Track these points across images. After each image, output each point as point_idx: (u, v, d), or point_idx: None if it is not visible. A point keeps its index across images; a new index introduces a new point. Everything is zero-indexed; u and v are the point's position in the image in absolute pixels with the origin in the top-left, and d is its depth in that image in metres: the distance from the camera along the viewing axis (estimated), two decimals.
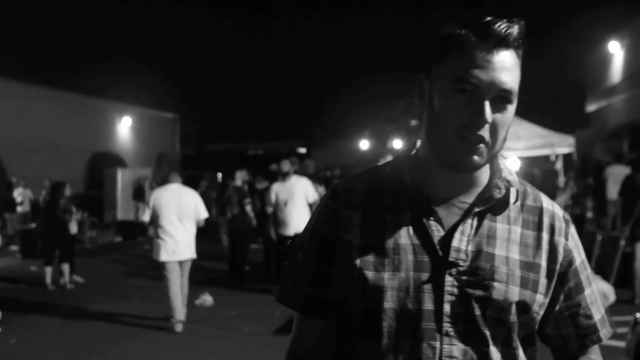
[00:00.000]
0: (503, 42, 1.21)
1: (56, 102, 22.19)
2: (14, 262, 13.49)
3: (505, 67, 1.21)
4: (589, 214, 12.03)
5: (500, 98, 1.22)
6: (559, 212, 1.38)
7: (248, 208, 10.88)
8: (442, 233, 1.27)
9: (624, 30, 19.89)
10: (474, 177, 1.31)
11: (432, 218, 1.28)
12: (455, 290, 1.24)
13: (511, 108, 1.25)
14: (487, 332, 1.25)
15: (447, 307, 1.24)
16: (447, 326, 1.24)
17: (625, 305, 7.18)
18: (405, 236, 1.28)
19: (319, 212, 1.41)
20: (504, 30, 1.21)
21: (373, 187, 1.36)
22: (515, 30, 1.22)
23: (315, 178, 10.28)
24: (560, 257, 1.32)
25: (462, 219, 1.28)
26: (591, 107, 22.81)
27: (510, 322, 1.26)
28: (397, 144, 26.61)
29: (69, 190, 10.91)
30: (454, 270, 1.25)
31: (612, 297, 5.92)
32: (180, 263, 7.50)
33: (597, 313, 1.38)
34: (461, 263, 1.25)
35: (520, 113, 15.34)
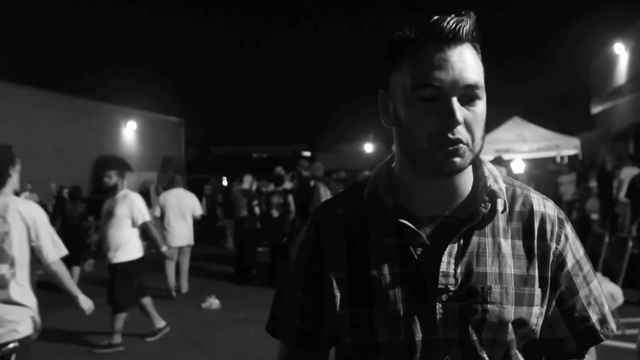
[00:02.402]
0: (456, 37, 1.14)
1: (61, 106, 22.27)
2: None
3: (464, 62, 1.14)
4: (595, 216, 11.99)
5: (467, 96, 1.15)
6: (551, 212, 1.29)
7: (257, 210, 10.89)
8: (428, 257, 1.20)
9: (629, 32, 19.87)
10: (456, 186, 1.24)
11: (417, 242, 1.21)
12: (448, 316, 1.18)
13: (481, 103, 1.17)
14: (485, 355, 1.19)
15: (441, 335, 1.18)
16: (442, 354, 1.19)
17: (634, 306, 7.14)
18: (390, 265, 1.22)
19: (300, 243, 1.34)
20: (453, 25, 1.14)
21: (354, 211, 1.29)
22: (466, 23, 1.15)
23: (323, 181, 10.23)
24: (549, 264, 1.25)
25: (448, 239, 1.21)
26: (596, 109, 22.77)
27: (508, 340, 1.21)
28: None
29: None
30: (444, 297, 1.19)
31: (620, 299, 5.88)
32: (181, 248, 9.95)
33: (595, 314, 1.29)
34: (451, 287, 1.19)
35: (526, 116, 15.37)
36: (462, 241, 1.22)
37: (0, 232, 3.57)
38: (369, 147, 35.94)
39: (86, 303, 4.28)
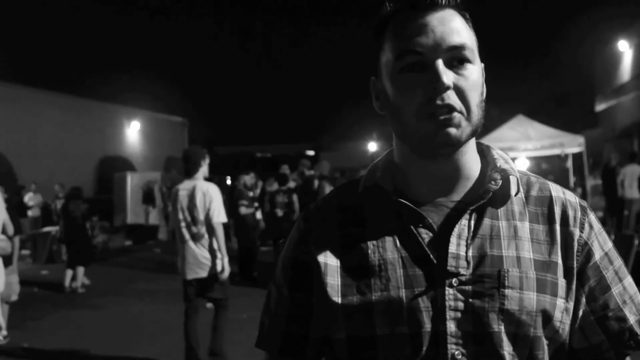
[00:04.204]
0: (433, 3, 1.06)
1: (65, 107, 22.30)
2: (25, 266, 13.54)
3: (446, 25, 1.05)
4: (599, 213, 12.00)
5: (455, 58, 1.05)
6: (573, 199, 1.16)
7: (242, 209, 10.90)
8: (435, 241, 1.07)
9: (633, 29, 19.81)
10: (460, 169, 1.12)
11: (420, 225, 1.09)
12: (460, 305, 1.03)
13: (473, 68, 1.07)
14: (505, 352, 1.03)
15: (451, 326, 1.03)
16: (453, 349, 1.02)
17: None
18: (391, 249, 1.09)
19: (290, 236, 1.24)
20: None
21: (349, 200, 1.19)
22: None
23: (329, 179, 10.24)
24: (574, 252, 1.10)
25: (456, 222, 1.08)
26: (600, 107, 22.71)
27: (532, 336, 1.04)
28: None
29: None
30: (454, 281, 1.04)
31: None
32: None
33: (633, 314, 1.12)
34: (462, 272, 1.04)
35: (530, 114, 15.33)
36: (472, 223, 1.08)
37: (192, 205, 5.51)
38: (372, 146, 35.85)
39: (227, 270, 5.69)
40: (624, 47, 20.49)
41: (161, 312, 8.44)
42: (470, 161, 1.14)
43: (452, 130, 1.03)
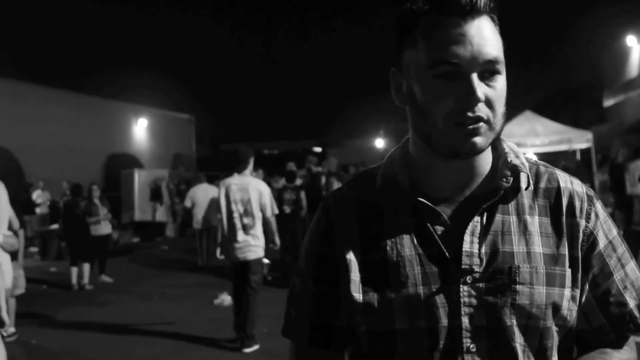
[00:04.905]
0: (473, 9, 1.06)
1: (72, 104, 22.33)
2: (34, 263, 13.60)
3: (483, 36, 1.06)
4: (608, 209, 11.95)
5: (487, 71, 1.08)
6: (579, 188, 1.20)
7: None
8: (450, 237, 1.12)
9: None
10: (475, 165, 1.16)
11: (436, 222, 1.14)
12: (474, 301, 1.09)
13: (501, 79, 1.10)
14: (516, 344, 1.09)
15: (466, 321, 1.09)
16: (468, 342, 1.09)
17: None
18: (408, 246, 1.14)
19: (311, 230, 1.27)
20: None
21: (368, 194, 1.22)
22: None
23: (337, 176, 10.21)
24: (579, 243, 1.15)
25: (469, 218, 1.13)
26: (608, 102, 22.58)
27: (541, 327, 1.10)
28: None
29: (97, 192, 11.16)
30: (468, 278, 1.10)
31: None
32: (209, 229, 12.16)
33: (633, 299, 1.18)
34: (476, 269, 1.10)
35: (538, 109, 15.27)
36: (484, 219, 1.13)
37: (245, 199, 6.33)
38: (379, 143, 35.79)
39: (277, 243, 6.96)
40: (632, 42, 20.38)
41: (168, 309, 8.46)
42: (485, 159, 1.18)
43: (478, 140, 1.08)
